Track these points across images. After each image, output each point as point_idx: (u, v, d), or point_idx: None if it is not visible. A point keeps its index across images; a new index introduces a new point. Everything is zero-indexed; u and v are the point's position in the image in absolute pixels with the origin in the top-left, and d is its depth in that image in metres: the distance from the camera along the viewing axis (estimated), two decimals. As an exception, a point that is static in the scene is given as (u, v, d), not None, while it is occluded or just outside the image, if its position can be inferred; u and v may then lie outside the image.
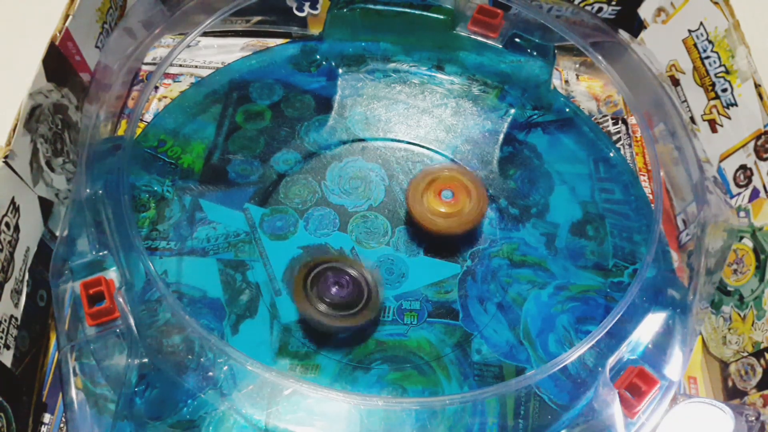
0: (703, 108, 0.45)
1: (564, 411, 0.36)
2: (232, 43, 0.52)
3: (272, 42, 0.52)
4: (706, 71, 0.45)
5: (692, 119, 0.46)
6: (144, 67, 0.50)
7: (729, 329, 0.40)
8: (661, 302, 0.36)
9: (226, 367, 0.34)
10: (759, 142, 0.41)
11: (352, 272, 0.39)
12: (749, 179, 0.41)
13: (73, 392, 0.33)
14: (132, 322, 0.33)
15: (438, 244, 0.42)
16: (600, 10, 0.51)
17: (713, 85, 0.44)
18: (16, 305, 0.37)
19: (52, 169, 0.41)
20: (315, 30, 0.51)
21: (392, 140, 0.47)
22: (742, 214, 0.41)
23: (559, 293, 0.41)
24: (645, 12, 0.50)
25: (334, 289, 0.38)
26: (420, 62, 0.50)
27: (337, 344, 0.39)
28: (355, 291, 0.38)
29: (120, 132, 0.46)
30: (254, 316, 0.39)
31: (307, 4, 0.50)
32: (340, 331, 0.39)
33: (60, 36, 0.41)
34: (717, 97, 0.44)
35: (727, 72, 0.43)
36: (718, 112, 0.44)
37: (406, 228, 0.43)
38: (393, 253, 0.42)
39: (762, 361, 0.37)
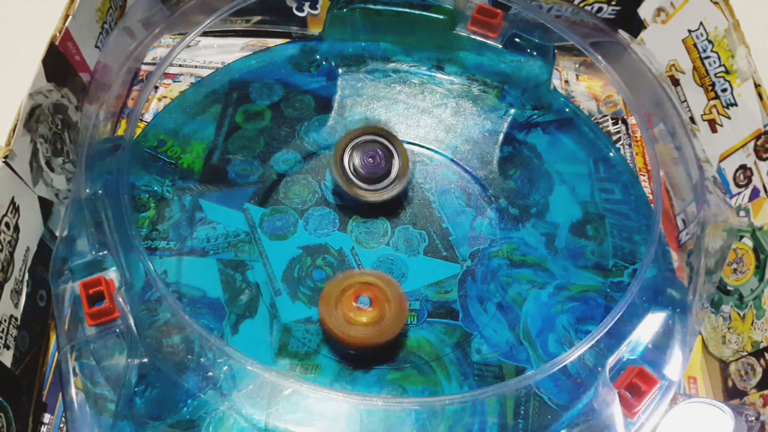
0: (702, 108, 0.46)
1: (564, 411, 0.36)
2: (231, 43, 0.52)
3: (272, 42, 0.52)
4: (706, 71, 0.45)
5: (692, 119, 0.46)
6: (144, 67, 0.50)
7: (728, 329, 0.40)
8: (661, 302, 0.36)
9: (226, 367, 0.34)
10: (759, 142, 0.41)
11: (392, 150, 0.40)
12: (749, 179, 0.41)
13: (73, 392, 0.33)
14: (132, 322, 0.33)
15: (437, 237, 0.42)
16: (600, 10, 0.51)
17: (713, 85, 0.45)
18: (16, 305, 0.37)
19: (52, 169, 0.41)
20: (315, 30, 0.51)
21: (392, 140, 0.47)
22: (741, 213, 0.41)
23: (559, 293, 0.41)
24: (645, 12, 0.50)
25: (368, 160, 0.39)
26: (420, 62, 0.50)
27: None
28: (383, 169, 0.39)
29: (120, 132, 0.46)
30: (254, 316, 0.39)
31: (307, 4, 0.50)
32: (365, 200, 0.40)
33: (60, 36, 0.41)
34: (717, 97, 0.44)
35: (727, 72, 0.43)
36: (717, 112, 0.44)
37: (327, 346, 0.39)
38: (393, 253, 0.42)
39: (762, 360, 0.37)
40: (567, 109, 0.49)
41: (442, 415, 0.36)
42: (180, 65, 0.50)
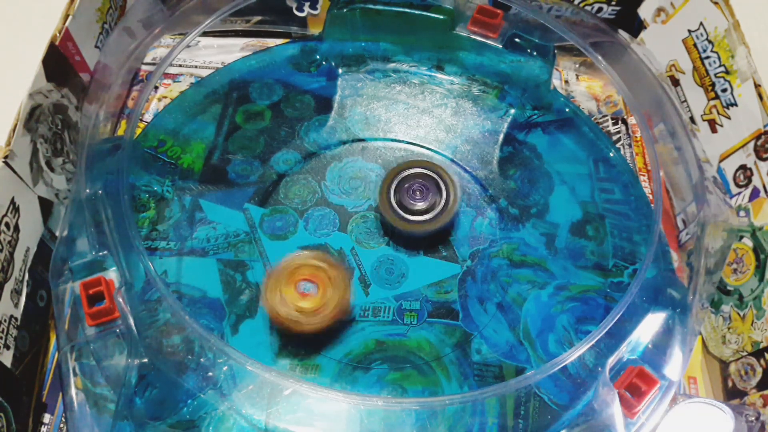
0: (702, 108, 0.46)
1: (564, 411, 0.36)
2: (231, 43, 0.52)
3: (272, 42, 0.52)
4: (706, 71, 0.45)
5: (692, 119, 0.46)
6: (144, 67, 0.50)
7: (728, 329, 0.40)
8: (661, 302, 0.36)
9: (225, 367, 0.34)
10: (759, 142, 0.41)
11: (436, 179, 0.41)
12: (749, 179, 0.41)
13: (73, 392, 0.33)
14: (132, 322, 0.33)
15: (437, 237, 0.42)
16: (600, 10, 0.51)
17: (713, 85, 0.45)
18: (16, 305, 0.37)
19: (52, 169, 0.41)
20: (315, 30, 0.51)
21: (392, 140, 0.47)
22: (742, 213, 0.41)
23: (559, 293, 0.41)
24: (645, 12, 0.50)
25: (417, 195, 0.40)
26: (420, 62, 0.50)
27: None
28: (433, 199, 0.40)
29: (120, 132, 0.46)
30: (254, 316, 0.39)
31: (307, 4, 0.50)
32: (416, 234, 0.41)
33: (60, 36, 0.41)
34: (717, 97, 0.44)
35: (727, 72, 0.43)
36: (717, 112, 0.44)
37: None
38: (393, 253, 0.42)
39: (762, 361, 0.37)
40: (567, 109, 0.49)
41: (442, 415, 0.36)
42: (180, 65, 0.50)
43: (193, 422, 0.34)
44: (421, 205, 0.41)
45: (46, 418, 0.37)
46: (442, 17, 0.47)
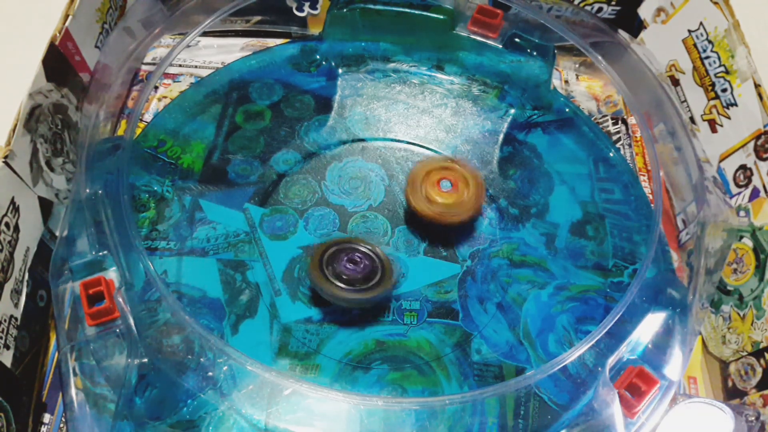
0: (702, 108, 0.46)
1: (564, 411, 0.36)
2: (231, 43, 0.52)
3: (272, 42, 0.52)
4: (706, 71, 0.45)
5: (692, 119, 0.46)
6: (144, 67, 0.50)
7: (728, 329, 0.40)
8: (661, 302, 0.36)
9: (225, 367, 0.34)
10: (759, 142, 0.41)
11: (364, 249, 0.40)
12: (749, 179, 0.41)
13: (73, 392, 0.33)
14: (132, 322, 0.33)
15: (438, 237, 0.42)
16: (600, 10, 0.51)
17: (713, 85, 0.45)
18: (16, 305, 0.37)
19: (52, 169, 0.41)
20: (315, 30, 0.51)
21: (392, 140, 0.47)
22: (741, 213, 0.41)
23: (559, 293, 0.41)
24: (645, 12, 0.50)
25: (349, 266, 0.39)
26: (420, 62, 0.50)
27: (352, 322, 0.39)
28: (369, 266, 0.39)
29: (120, 132, 0.46)
30: (254, 316, 0.39)
31: (307, 4, 0.50)
32: (360, 305, 0.39)
33: (60, 36, 0.41)
34: (717, 97, 0.44)
35: (727, 72, 0.43)
36: (717, 112, 0.44)
37: (406, 225, 0.43)
38: (393, 253, 0.42)
39: (762, 360, 0.37)
40: (567, 109, 0.49)
41: (442, 415, 0.36)
42: (180, 65, 0.50)
43: (193, 422, 0.34)
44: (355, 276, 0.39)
45: (46, 418, 0.37)
46: (442, 17, 0.47)
